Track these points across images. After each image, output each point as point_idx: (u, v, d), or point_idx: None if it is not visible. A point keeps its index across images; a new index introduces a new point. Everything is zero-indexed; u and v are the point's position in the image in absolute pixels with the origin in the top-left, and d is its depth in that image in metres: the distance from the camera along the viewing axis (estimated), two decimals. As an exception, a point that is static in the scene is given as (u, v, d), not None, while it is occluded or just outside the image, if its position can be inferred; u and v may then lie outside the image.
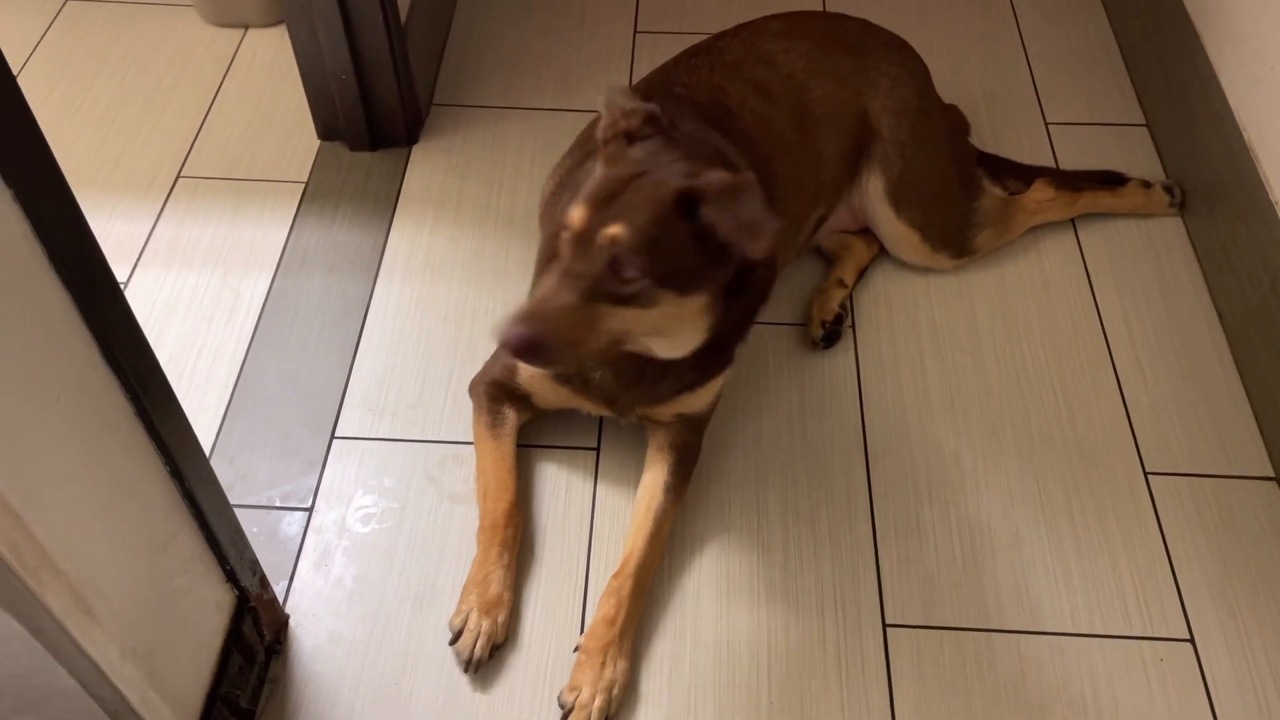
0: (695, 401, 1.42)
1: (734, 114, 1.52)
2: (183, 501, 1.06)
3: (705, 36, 2.06)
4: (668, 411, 1.43)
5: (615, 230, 1.11)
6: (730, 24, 2.07)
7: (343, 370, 1.65)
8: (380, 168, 1.95)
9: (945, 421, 1.59)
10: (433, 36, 2.11)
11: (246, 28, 2.20)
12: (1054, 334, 1.70)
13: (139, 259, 1.80)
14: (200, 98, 2.07)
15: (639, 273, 1.11)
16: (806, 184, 1.63)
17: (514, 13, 2.24)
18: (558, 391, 1.45)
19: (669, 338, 1.26)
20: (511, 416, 1.50)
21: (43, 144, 0.81)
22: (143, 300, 1.74)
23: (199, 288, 1.76)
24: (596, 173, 1.19)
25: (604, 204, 1.14)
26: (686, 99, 1.52)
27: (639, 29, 2.22)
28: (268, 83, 2.09)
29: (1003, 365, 1.66)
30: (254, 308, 1.73)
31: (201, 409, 1.59)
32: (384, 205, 1.89)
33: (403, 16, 1.91)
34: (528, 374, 1.46)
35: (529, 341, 1.12)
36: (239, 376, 1.64)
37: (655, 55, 2.14)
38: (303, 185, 1.92)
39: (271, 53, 2.15)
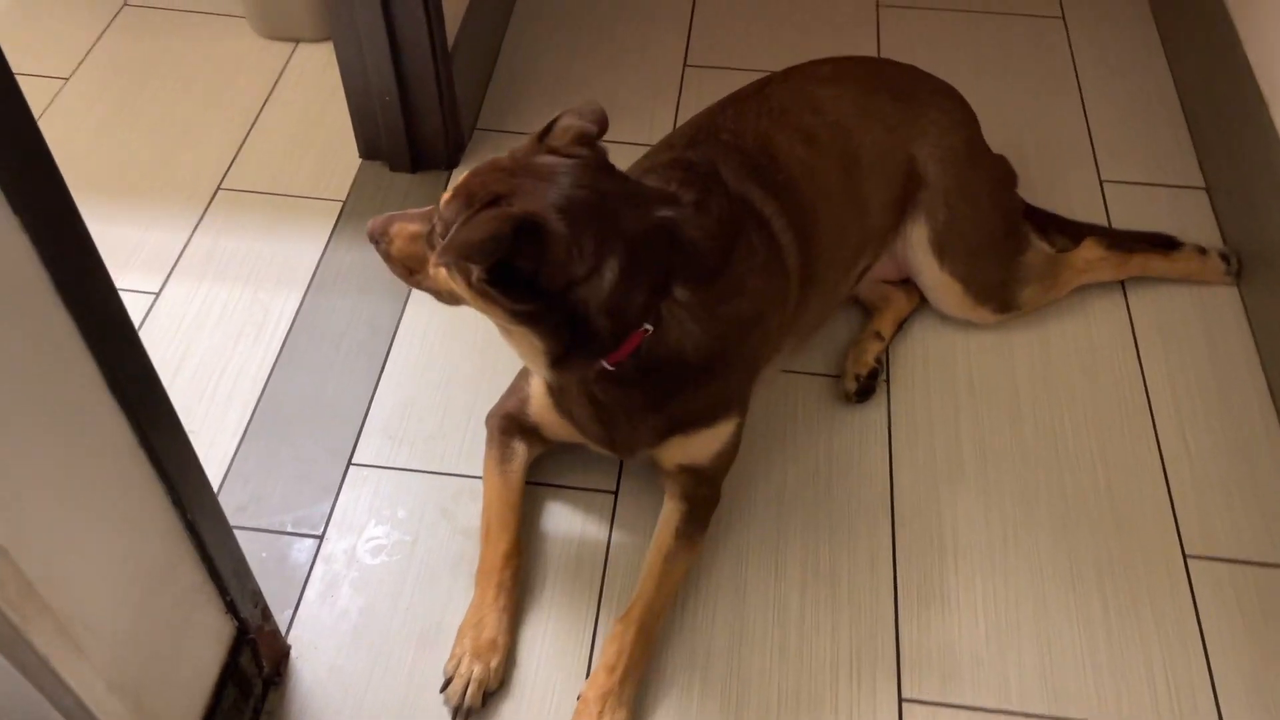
0: (693, 451, 1.38)
1: (780, 164, 1.49)
2: (185, 532, 1.05)
3: (754, 73, 2.03)
4: (668, 459, 1.39)
5: (445, 197, 1.19)
6: (781, 61, 2.04)
7: (365, 395, 1.63)
8: (419, 190, 1.94)
9: (977, 485, 1.54)
10: (480, 61, 2.10)
11: (297, 42, 2.21)
12: (1096, 400, 1.64)
13: (173, 269, 1.80)
14: (246, 110, 2.07)
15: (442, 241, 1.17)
16: (850, 234, 1.59)
17: (563, 41, 2.22)
18: (562, 424, 1.43)
19: (508, 337, 1.25)
20: (521, 452, 1.48)
21: (55, 173, 0.80)
22: (173, 312, 1.74)
23: (230, 302, 1.76)
24: (501, 157, 1.22)
25: (472, 177, 1.19)
26: (733, 146, 1.49)
27: (688, 63, 2.19)
28: (314, 98, 2.10)
29: (1041, 430, 1.60)
30: (282, 326, 1.72)
31: (221, 428, 1.58)
32: (420, 228, 1.87)
33: (451, 40, 1.90)
34: (536, 405, 1.44)
35: (372, 234, 1.28)
36: (261, 396, 1.63)
37: (703, 89, 2.12)
38: (340, 204, 1.91)
39: (320, 68, 2.16)
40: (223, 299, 1.76)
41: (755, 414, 1.54)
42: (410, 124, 1.92)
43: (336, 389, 1.64)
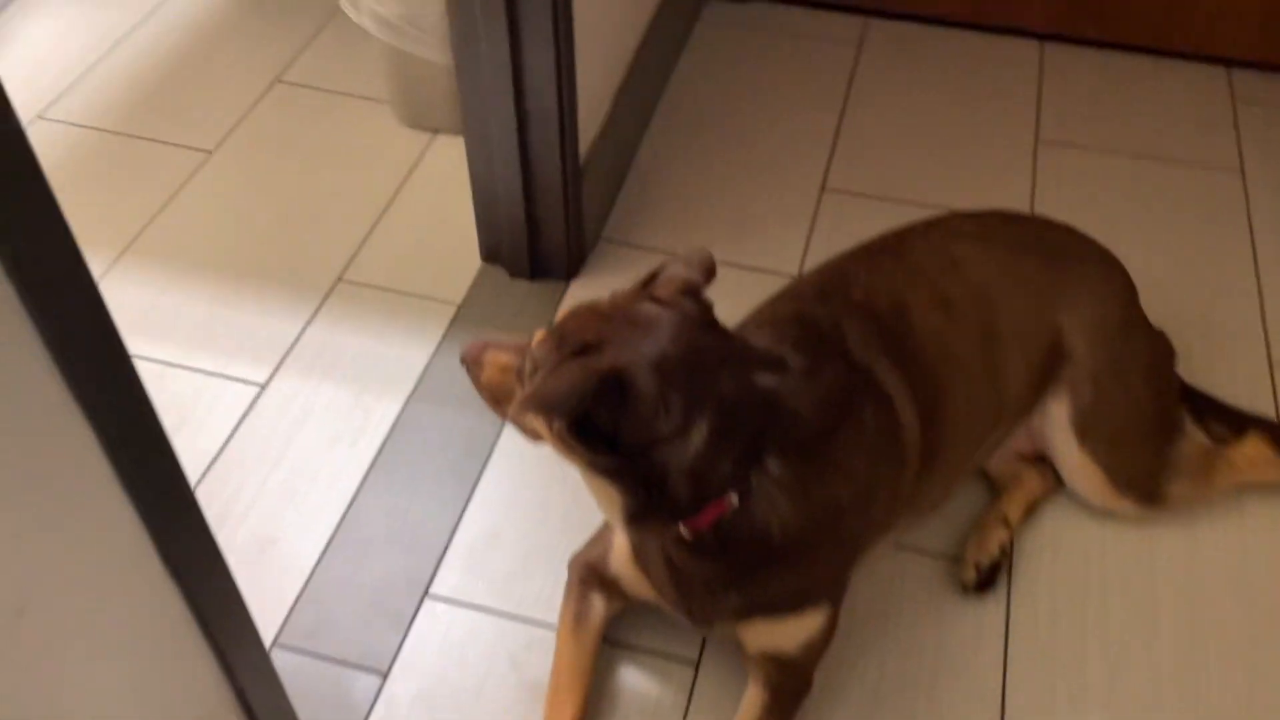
0: (778, 638, 1.27)
1: (912, 330, 1.38)
2: (234, 701, 0.99)
3: (895, 203, 1.93)
4: (750, 642, 1.29)
5: (538, 336, 1.13)
6: (925, 194, 1.94)
7: (451, 520, 1.57)
8: (534, 300, 1.90)
9: (1101, 710, 1.37)
10: (611, 174, 2.05)
11: (436, 132, 2.21)
12: (1249, 627, 1.45)
13: (283, 361, 1.79)
14: (377, 199, 2.07)
15: (529, 381, 1.13)
16: (983, 409, 1.47)
17: (699, 156, 2.16)
18: (642, 582, 1.34)
19: (588, 484, 1.18)
20: (599, 608, 1.40)
21: (125, 361, 0.76)
22: (277, 406, 1.73)
23: (333, 402, 1.73)
24: (602, 300, 1.17)
25: (568, 319, 1.14)
26: (864, 307, 1.39)
27: (826, 187, 2.10)
28: (445, 192, 2.08)
29: (1180, 653, 1.43)
30: (380, 432, 1.69)
31: (305, 539, 1.55)
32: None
33: (583, 153, 1.86)
34: (618, 558, 1.36)
35: (465, 360, 1.24)
36: (349, 508, 1.59)
37: (840, 216, 2.03)
38: (455, 307, 1.88)
39: (455, 161, 2.13)
40: (326, 397, 1.74)
41: (856, 591, 1.42)
42: (533, 232, 1.88)
43: (423, 509, 1.59)
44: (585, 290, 1.91)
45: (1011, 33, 2.41)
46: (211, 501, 1.61)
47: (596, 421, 1.05)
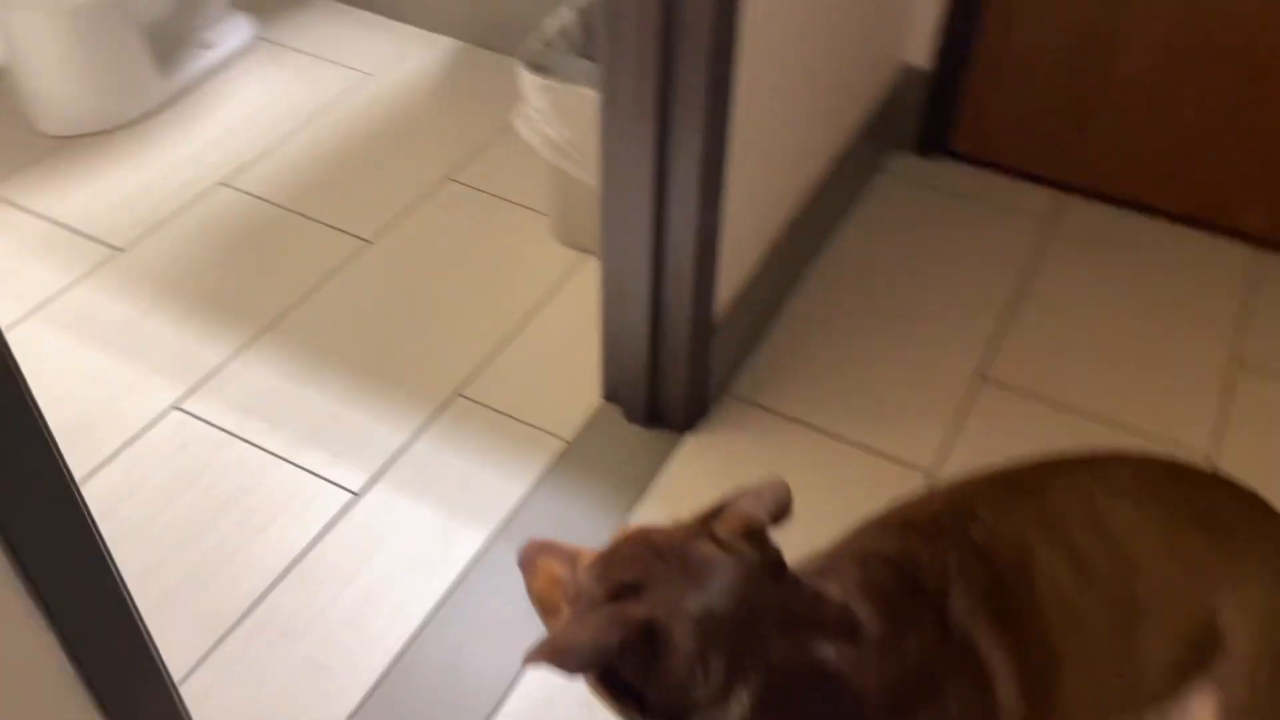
0: None
1: (1034, 592, 1.21)
2: None
3: (1056, 408, 1.76)
4: None
5: (587, 559, 1.03)
6: (1092, 404, 1.77)
7: (503, 684, 1.49)
8: (646, 448, 1.81)
9: None
10: (749, 330, 1.96)
11: (588, 254, 2.17)
12: None
13: (382, 473, 1.76)
14: (515, 313, 2.05)
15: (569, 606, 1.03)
16: (1106, 693, 1.27)
17: (846, 325, 2.03)
18: None
19: None
20: None
21: (133, 624, 0.71)
22: (365, 520, 1.69)
23: (419, 524, 1.69)
24: (659, 529, 1.04)
25: (620, 545, 1.02)
26: (980, 551, 1.23)
27: (984, 377, 1.93)
28: (580, 318, 2.04)
29: None
30: (456, 567, 1.63)
31: (358, 672, 1.49)
32: (634, 492, 1.74)
33: (720, 311, 1.78)
34: None
35: (520, 561, 1.12)
36: (409, 645, 1.53)
37: (991, 414, 1.86)
38: (565, 444, 1.81)
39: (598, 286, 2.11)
40: (414, 519, 1.70)
41: None
42: (655, 380, 1.80)
43: (482, 661, 1.51)
44: (701, 447, 1.82)
45: (1223, 232, 2.19)
46: (280, 608, 1.58)
47: (623, 676, 0.94)
